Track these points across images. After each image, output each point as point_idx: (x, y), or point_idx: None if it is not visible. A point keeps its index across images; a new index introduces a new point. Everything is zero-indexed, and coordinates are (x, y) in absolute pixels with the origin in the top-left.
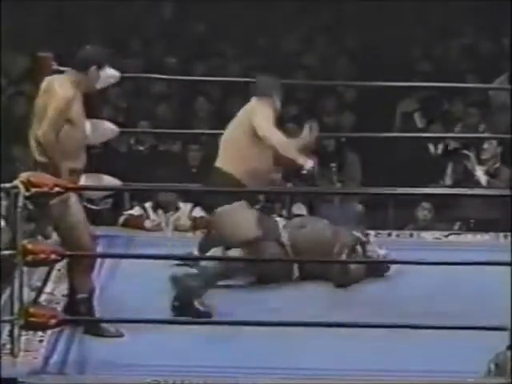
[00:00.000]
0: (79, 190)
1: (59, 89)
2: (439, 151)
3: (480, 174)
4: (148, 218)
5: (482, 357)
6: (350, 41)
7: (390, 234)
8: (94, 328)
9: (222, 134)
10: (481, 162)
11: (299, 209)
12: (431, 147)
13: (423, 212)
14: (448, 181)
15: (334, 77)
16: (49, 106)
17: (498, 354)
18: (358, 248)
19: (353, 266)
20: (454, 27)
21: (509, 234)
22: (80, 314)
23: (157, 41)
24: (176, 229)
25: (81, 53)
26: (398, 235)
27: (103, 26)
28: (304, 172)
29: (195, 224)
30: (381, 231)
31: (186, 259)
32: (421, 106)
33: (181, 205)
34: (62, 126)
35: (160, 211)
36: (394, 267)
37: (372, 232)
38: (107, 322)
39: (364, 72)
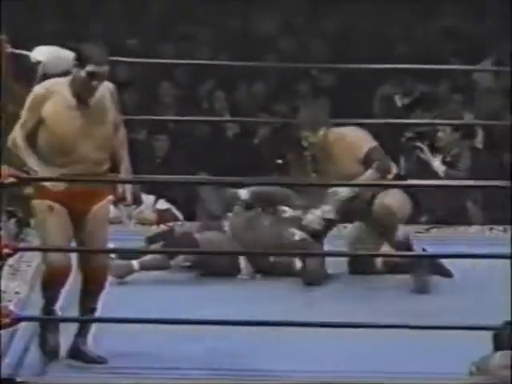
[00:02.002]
0: (35, 181)
1: None
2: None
3: (437, 164)
4: None
5: (468, 357)
6: (326, 23)
7: None
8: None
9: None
10: (436, 151)
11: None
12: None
13: None
14: (401, 172)
15: (309, 60)
16: None
17: (483, 356)
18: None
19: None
20: (436, 8)
21: (494, 226)
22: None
23: (118, 21)
24: (140, 222)
25: (78, 50)
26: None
27: (61, 6)
28: None
29: (159, 217)
30: None
31: (139, 252)
32: (401, 90)
33: (143, 197)
34: (30, 128)
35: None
36: None
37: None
38: (68, 321)
39: (341, 56)
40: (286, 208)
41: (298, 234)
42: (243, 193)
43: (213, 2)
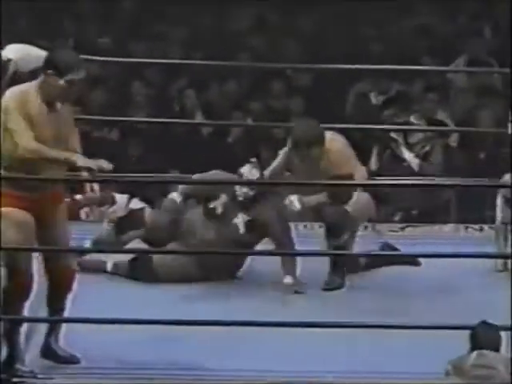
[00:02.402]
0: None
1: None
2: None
3: (411, 157)
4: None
5: (444, 357)
6: (301, 22)
7: None
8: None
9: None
10: (408, 147)
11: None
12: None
13: None
14: (373, 166)
15: (283, 59)
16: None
17: (460, 356)
18: None
19: None
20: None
21: (469, 225)
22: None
23: (90, 20)
24: (112, 221)
25: (49, 55)
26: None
27: (30, 1)
28: None
29: (133, 216)
30: None
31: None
32: (377, 88)
33: (117, 197)
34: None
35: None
36: None
37: None
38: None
39: (316, 54)
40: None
41: (241, 226)
42: (176, 196)
43: (185, 0)
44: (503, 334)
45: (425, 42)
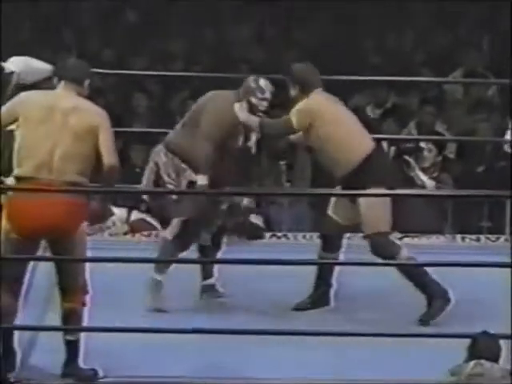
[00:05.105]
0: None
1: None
2: (392, 152)
3: (425, 179)
4: None
5: (444, 365)
6: (299, 33)
7: None
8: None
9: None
10: (421, 171)
11: None
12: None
13: None
14: None
15: (282, 71)
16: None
17: (458, 364)
18: None
19: None
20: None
21: (466, 235)
22: None
23: (92, 32)
24: (111, 234)
25: (77, 66)
26: (349, 237)
27: (32, 14)
28: None
29: (133, 227)
30: None
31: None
32: (374, 100)
33: (114, 210)
34: None
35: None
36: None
37: None
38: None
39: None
40: None
41: None
42: None
43: (186, 13)
44: (503, 342)
45: (422, 54)
